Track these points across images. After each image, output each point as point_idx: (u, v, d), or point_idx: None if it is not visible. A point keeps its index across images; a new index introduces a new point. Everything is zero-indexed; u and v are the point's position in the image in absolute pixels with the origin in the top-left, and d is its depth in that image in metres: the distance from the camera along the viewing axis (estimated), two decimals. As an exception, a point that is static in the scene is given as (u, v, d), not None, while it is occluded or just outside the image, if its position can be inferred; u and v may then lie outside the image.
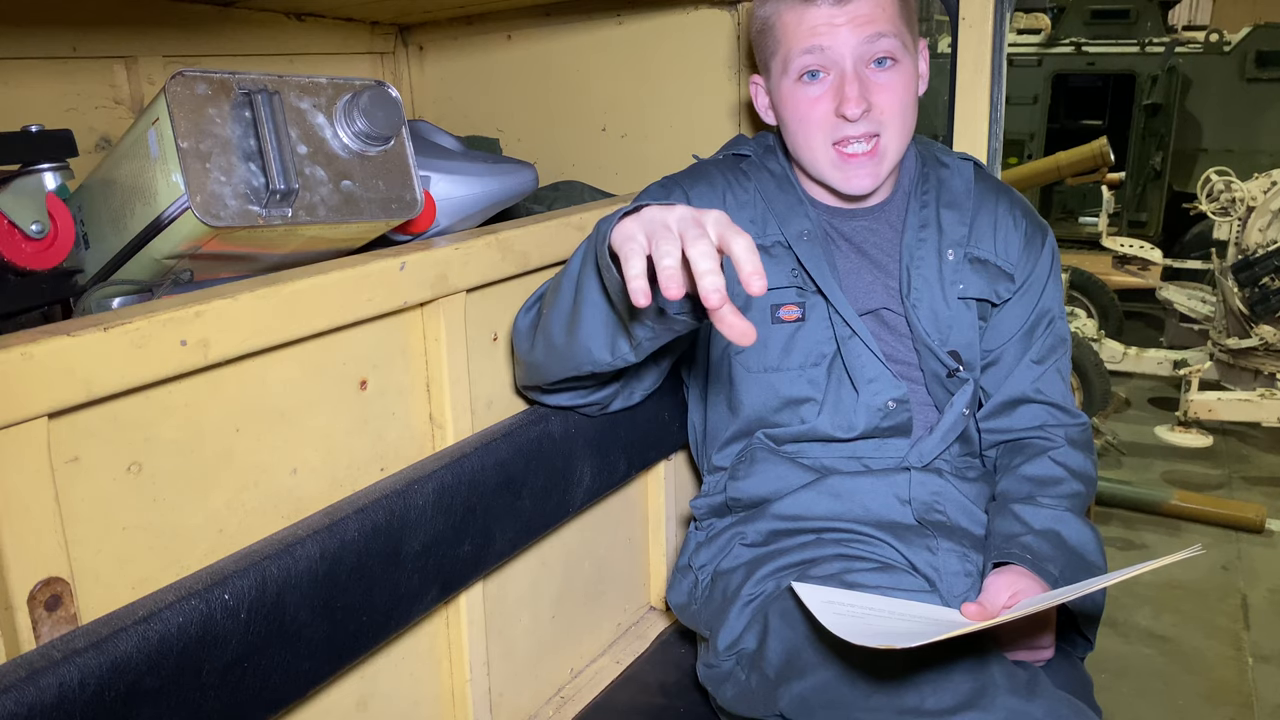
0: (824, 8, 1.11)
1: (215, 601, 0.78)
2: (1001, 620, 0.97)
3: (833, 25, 1.11)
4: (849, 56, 1.12)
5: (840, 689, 1.02)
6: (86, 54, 1.42)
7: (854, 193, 1.18)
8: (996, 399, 1.25)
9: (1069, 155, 4.80)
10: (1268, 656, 2.73)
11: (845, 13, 1.11)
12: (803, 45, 1.13)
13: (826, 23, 1.11)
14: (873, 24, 1.11)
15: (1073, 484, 1.19)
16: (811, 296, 1.19)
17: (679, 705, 1.29)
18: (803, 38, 1.13)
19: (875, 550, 1.16)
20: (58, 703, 0.67)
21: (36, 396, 0.70)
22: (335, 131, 1.00)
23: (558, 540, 1.28)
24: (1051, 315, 1.25)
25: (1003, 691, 0.96)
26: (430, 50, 1.88)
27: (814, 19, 1.12)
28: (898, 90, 1.14)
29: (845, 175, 1.16)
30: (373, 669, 1.03)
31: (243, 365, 0.86)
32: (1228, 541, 3.39)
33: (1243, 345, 4.09)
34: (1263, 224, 4.10)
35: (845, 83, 1.12)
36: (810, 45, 1.12)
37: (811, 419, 1.20)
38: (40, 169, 1.03)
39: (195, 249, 0.96)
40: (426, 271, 1.01)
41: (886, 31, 1.11)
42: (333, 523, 0.89)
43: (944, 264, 1.20)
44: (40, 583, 0.73)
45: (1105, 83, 6.90)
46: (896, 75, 1.14)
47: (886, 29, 1.11)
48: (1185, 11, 10.21)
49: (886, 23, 1.12)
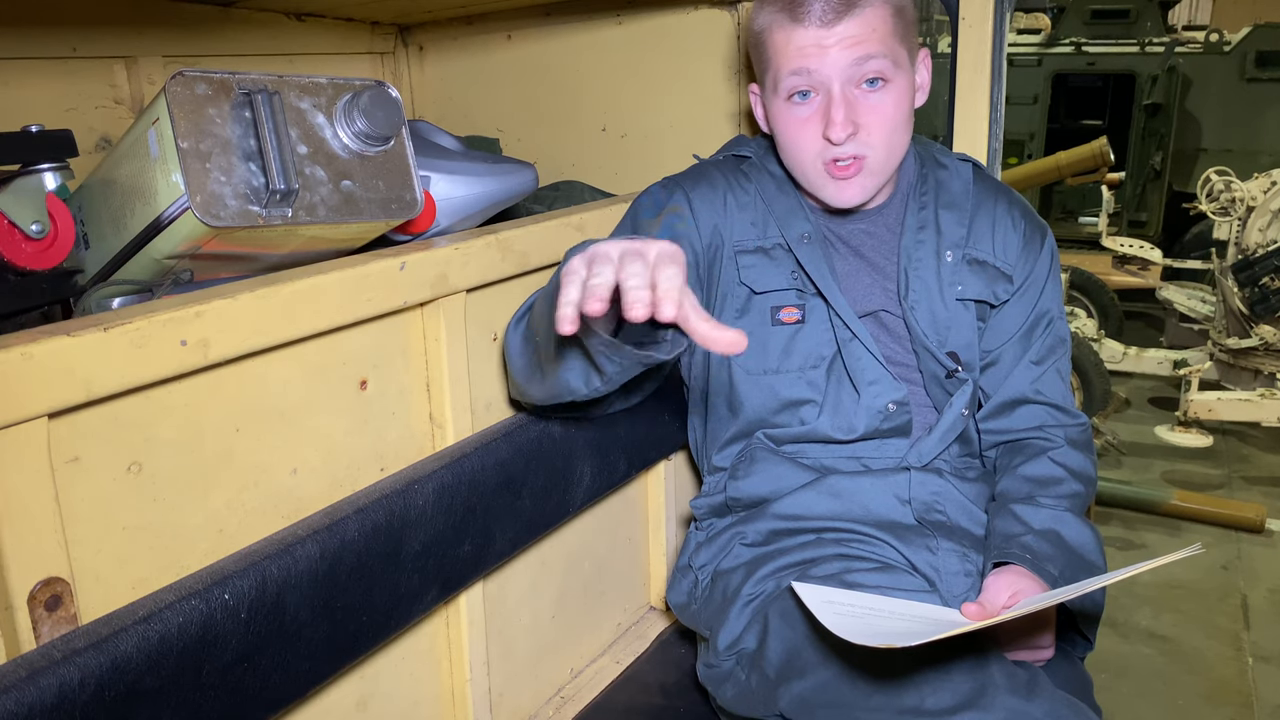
0: (812, 29, 1.09)
1: (215, 601, 0.78)
2: (1001, 619, 0.97)
3: (821, 47, 1.09)
4: (837, 79, 1.10)
5: (841, 689, 1.02)
6: (86, 54, 1.42)
7: (842, 206, 1.18)
8: (996, 399, 1.25)
9: (1069, 155, 4.80)
10: (1268, 656, 2.73)
11: (834, 34, 1.09)
12: (791, 66, 1.11)
13: (815, 44, 1.09)
14: (862, 46, 1.09)
15: (1072, 484, 1.19)
16: (811, 299, 1.19)
17: (679, 705, 1.29)
18: (791, 58, 1.11)
19: (875, 550, 1.16)
20: (58, 703, 0.67)
21: (36, 396, 0.70)
22: (335, 131, 1.00)
23: (558, 540, 1.28)
24: (1050, 316, 1.25)
25: (1002, 691, 0.96)
26: (430, 50, 1.88)
27: (801, 40, 1.10)
28: (888, 110, 1.12)
29: (835, 190, 1.16)
30: (373, 669, 1.03)
31: (243, 365, 0.86)
32: (1228, 541, 3.39)
33: (1243, 345, 4.08)
34: (1263, 224, 4.10)
35: (832, 106, 1.10)
36: (798, 67, 1.11)
37: (811, 420, 1.20)
38: (40, 169, 1.03)
39: (195, 249, 0.96)
40: (426, 271, 1.01)
41: (876, 53, 1.10)
42: (333, 523, 0.89)
43: (942, 265, 1.20)
44: (40, 583, 0.73)
45: (1105, 83, 6.90)
46: (887, 95, 1.12)
47: (876, 50, 1.10)
48: (1185, 11, 10.21)
49: (876, 44, 1.10)
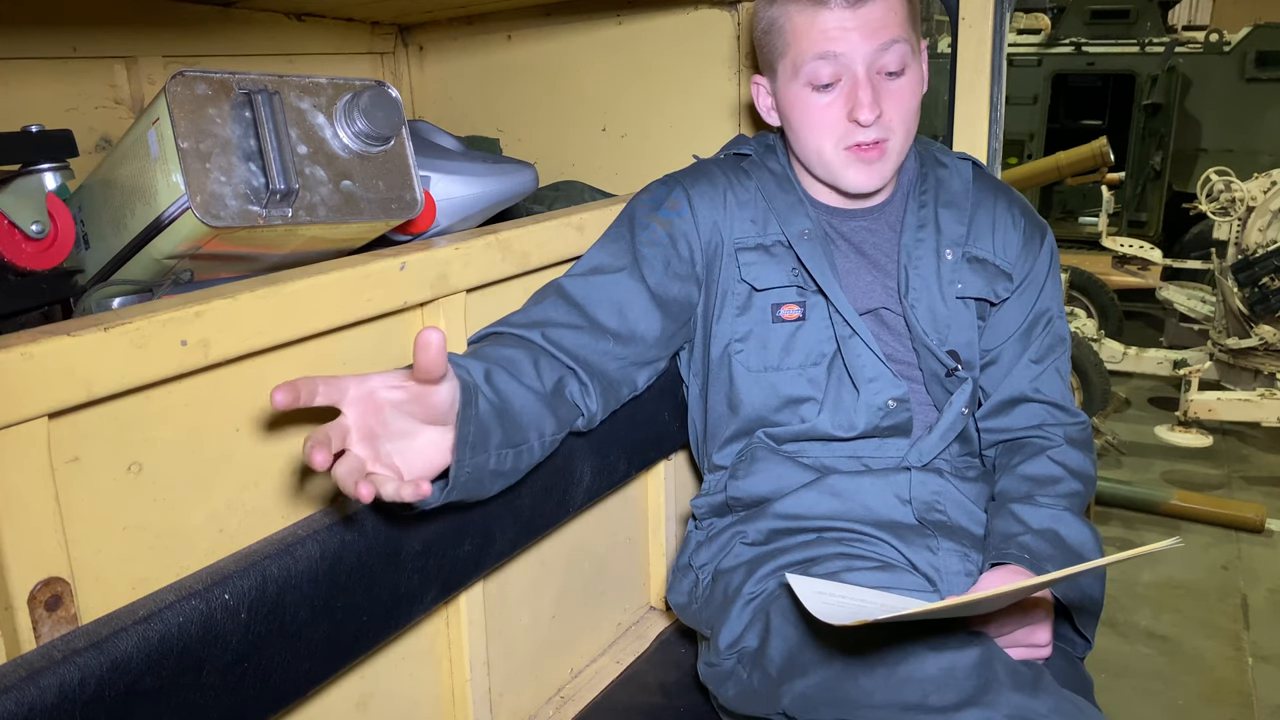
0: (836, 11, 1.09)
1: (215, 601, 0.78)
2: (977, 597, 0.94)
3: (845, 30, 1.10)
4: (861, 62, 1.11)
5: (844, 686, 1.02)
6: (86, 54, 1.42)
7: (860, 190, 1.18)
8: (995, 398, 1.25)
9: (1069, 155, 4.80)
10: (1268, 656, 2.73)
11: (858, 17, 1.09)
12: (815, 50, 1.11)
13: (839, 27, 1.10)
14: (886, 30, 1.10)
15: (1071, 483, 1.19)
16: (812, 296, 1.19)
17: (679, 705, 1.29)
18: (815, 42, 1.11)
19: (876, 550, 1.16)
20: (58, 703, 0.67)
21: (36, 396, 0.70)
22: (335, 131, 1.00)
23: (558, 540, 1.28)
24: (1050, 314, 1.25)
25: (1007, 688, 0.96)
26: (430, 50, 1.88)
27: (826, 22, 1.10)
28: (907, 97, 1.14)
29: (856, 173, 1.16)
30: (373, 669, 1.03)
31: (243, 365, 0.86)
32: (1228, 541, 3.39)
33: (1243, 345, 4.08)
34: (1262, 224, 4.10)
35: (859, 88, 1.11)
36: (823, 50, 1.11)
37: (812, 418, 1.20)
38: (40, 169, 1.03)
39: (195, 249, 0.96)
40: (426, 271, 1.01)
41: (899, 37, 1.11)
42: (333, 523, 0.89)
43: (942, 264, 1.20)
44: (40, 583, 0.73)
45: (1105, 83, 6.90)
46: (907, 82, 1.13)
47: (898, 34, 1.11)
48: (1185, 11, 10.20)
49: (898, 28, 1.11)
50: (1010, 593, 0.95)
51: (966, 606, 0.97)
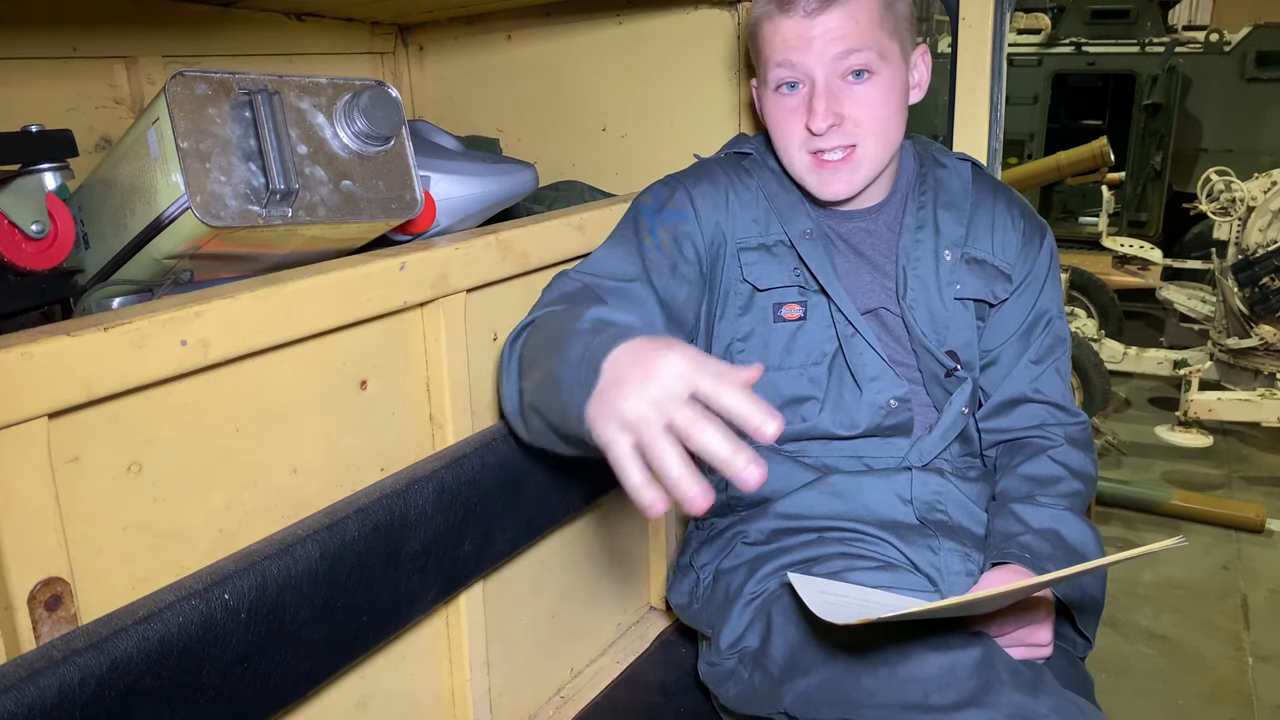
0: (796, 20, 1.11)
1: (215, 601, 0.78)
2: (978, 597, 0.96)
3: (804, 39, 1.11)
4: (819, 71, 1.12)
5: (845, 686, 1.02)
6: (86, 54, 1.42)
7: (829, 199, 1.19)
8: (995, 399, 1.25)
9: (1069, 155, 4.81)
10: (1268, 656, 2.73)
11: (816, 25, 1.10)
12: (776, 58, 1.14)
13: (798, 36, 1.11)
14: (844, 40, 1.10)
15: (1072, 483, 1.19)
16: (813, 295, 1.19)
17: (679, 705, 1.29)
18: (777, 50, 1.13)
19: (877, 550, 1.16)
20: (58, 703, 0.67)
21: (36, 396, 0.70)
22: (335, 131, 1.00)
23: (558, 540, 1.28)
24: (1050, 315, 1.25)
25: (1008, 688, 0.96)
26: (430, 50, 1.88)
27: (786, 32, 1.12)
28: (874, 103, 1.13)
29: (820, 180, 1.17)
30: (373, 669, 1.03)
31: (243, 365, 0.86)
32: (1228, 541, 3.39)
33: (1243, 345, 4.08)
34: (1263, 224, 4.10)
35: (815, 97, 1.12)
36: (782, 58, 1.13)
37: (813, 417, 1.20)
38: (40, 169, 1.03)
39: (195, 249, 0.96)
40: (426, 271, 1.01)
41: (859, 46, 1.10)
42: (333, 523, 0.89)
43: (941, 264, 1.20)
44: (40, 583, 0.73)
45: (1105, 83, 6.91)
46: (873, 88, 1.13)
47: (859, 43, 1.10)
48: (1185, 11, 10.21)
49: (859, 38, 1.10)
50: (1011, 592, 0.95)
51: (968, 606, 0.97)
